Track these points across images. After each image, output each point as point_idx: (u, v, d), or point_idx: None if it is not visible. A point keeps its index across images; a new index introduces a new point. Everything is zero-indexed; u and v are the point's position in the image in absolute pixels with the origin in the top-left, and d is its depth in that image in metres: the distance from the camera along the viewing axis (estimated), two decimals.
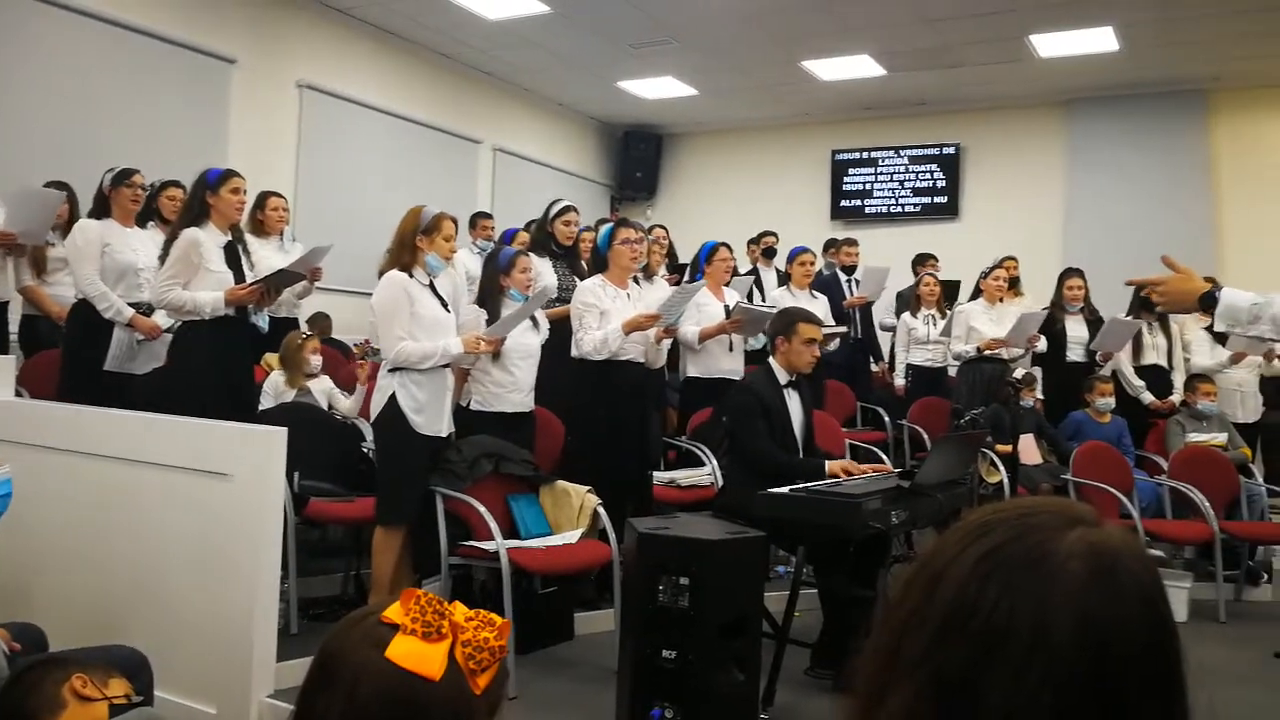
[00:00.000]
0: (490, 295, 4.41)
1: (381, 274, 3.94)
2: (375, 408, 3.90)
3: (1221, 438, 5.90)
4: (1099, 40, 7.58)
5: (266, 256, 5.21)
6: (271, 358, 5.13)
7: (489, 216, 7.38)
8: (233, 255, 4.21)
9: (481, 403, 4.38)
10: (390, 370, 3.85)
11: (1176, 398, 6.23)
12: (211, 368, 4.10)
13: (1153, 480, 5.77)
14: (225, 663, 3.16)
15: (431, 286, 3.95)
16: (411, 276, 3.87)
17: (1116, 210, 8.73)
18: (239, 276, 4.19)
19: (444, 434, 4.01)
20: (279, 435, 3.26)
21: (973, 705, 0.69)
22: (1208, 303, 2.31)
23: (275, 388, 4.83)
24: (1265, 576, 5.62)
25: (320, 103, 7.57)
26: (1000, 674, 0.68)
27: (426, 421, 3.87)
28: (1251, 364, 6.30)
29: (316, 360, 4.89)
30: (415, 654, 1.02)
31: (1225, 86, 8.57)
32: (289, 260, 5.69)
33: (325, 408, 4.87)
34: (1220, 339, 6.31)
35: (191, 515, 3.26)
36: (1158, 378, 6.33)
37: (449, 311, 4.00)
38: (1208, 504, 5.27)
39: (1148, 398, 6.28)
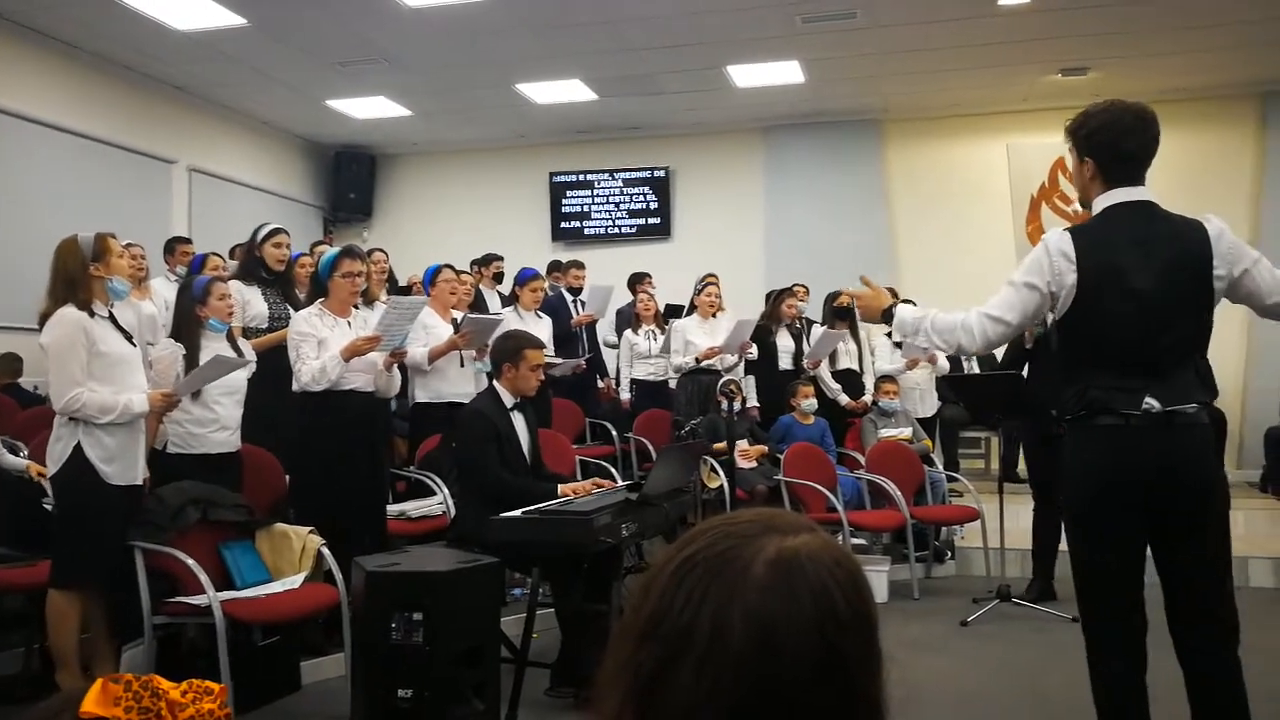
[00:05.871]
0: (187, 327, 4.08)
1: (45, 317, 3.50)
2: (55, 460, 3.48)
3: (907, 432, 6.56)
4: (788, 73, 8.23)
5: None
6: None
7: (188, 241, 6.85)
8: None
9: (180, 444, 4.03)
10: (71, 418, 3.45)
11: (868, 398, 6.86)
12: None
13: (852, 475, 6.31)
14: None
15: (112, 319, 3.59)
16: (93, 315, 3.49)
17: (810, 228, 9.51)
18: None
19: (138, 482, 3.65)
20: None
21: (664, 701, 0.74)
22: (887, 317, 2.74)
23: None
24: (949, 554, 6.30)
25: None
26: (685, 671, 0.73)
27: (119, 471, 3.51)
28: (926, 365, 7.04)
29: None
30: None
31: (894, 117, 9.60)
32: None
33: None
34: (899, 344, 7.03)
35: None
36: (851, 381, 6.95)
37: (134, 345, 3.66)
38: (899, 493, 5.83)
39: (844, 399, 6.88)
